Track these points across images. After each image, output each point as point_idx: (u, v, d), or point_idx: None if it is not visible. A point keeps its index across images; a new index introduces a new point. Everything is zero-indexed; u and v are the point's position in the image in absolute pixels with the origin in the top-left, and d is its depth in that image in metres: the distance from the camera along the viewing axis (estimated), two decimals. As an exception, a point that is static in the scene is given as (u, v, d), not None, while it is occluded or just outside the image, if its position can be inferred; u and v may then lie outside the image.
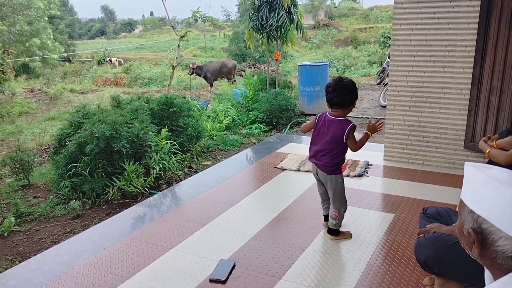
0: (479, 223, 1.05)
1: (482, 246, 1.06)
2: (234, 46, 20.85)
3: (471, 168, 1.12)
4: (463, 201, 1.13)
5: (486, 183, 1.05)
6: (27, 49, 19.37)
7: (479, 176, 1.08)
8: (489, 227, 1.02)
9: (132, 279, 2.70)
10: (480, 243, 1.06)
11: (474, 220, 1.06)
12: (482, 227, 1.04)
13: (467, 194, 1.11)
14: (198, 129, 5.91)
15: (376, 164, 4.71)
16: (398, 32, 4.40)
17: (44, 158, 6.30)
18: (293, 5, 8.16)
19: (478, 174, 1.08)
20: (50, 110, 11.07)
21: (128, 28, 56.97)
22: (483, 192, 1.05)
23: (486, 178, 1.06)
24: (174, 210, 3.80)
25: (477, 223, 1.05)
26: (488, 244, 1.04)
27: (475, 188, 1.08)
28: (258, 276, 2.67)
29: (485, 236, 1.04)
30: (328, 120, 2.88)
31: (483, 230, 1.04)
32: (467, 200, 1.10)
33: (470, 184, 1.10)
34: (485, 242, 1.05)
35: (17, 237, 3.79)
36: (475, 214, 1.05)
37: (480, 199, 1.05)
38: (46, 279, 2.77)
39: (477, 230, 1.06)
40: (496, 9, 3.80)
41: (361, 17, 29.01)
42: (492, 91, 4.00)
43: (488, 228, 1.03)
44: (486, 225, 1.03)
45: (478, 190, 1.07)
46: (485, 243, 1.05)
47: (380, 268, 2.73)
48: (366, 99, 10.28)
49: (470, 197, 1.09)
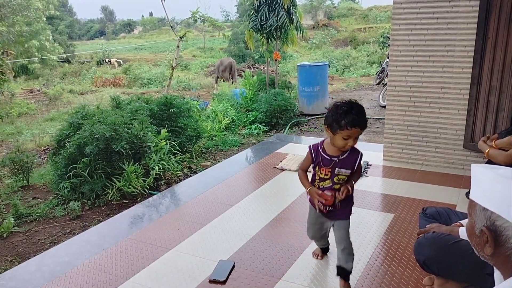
0: (492, 221, 1.04)
1: (496, 244, 1.05)
2: (233, 46, 20.86)
3: (479, 168, 1.12)
4: (473, 200, 1.12)
5: (497, 180, 1.05)
6: (26, 50, 19.37)
7: (489, 174, 1.07)
8: (503, 223, 1.02)
9: (132, 280, 2.70)
10: (494, 241, 1.05)
11: (487, 218, 1.06)
12: (496, 224, 1.03)
13: (477, 193, 1.10)
14: (197, 130, 5.90)
15: (375, 164, 4.71)
16: (397, 32, 4.40)
17: (44, 159, 6.30)
18: (292, 5, 8.16)
19: (487, 172, 1.08)
20: (49, 111, 11.07)
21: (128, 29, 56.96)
22: (494, 189, 1.05)
23: (496, 175, 1.06)
24: (174, 210, 3.79)
25: (490, 220, 1.05)
26: (502, 241, 1.03)
27: (485, 186, 1.07)
28: (258, 277, 2.67)
29: (499, 234, 1.03)
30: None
31: (496, 228, 1.04)
32: (478, 198, 1.10)
33: (480, 183, 1.10)
34: (498, 239, 1.04)
35: (17, 238, 3.79)
36: (488, 212, 1.05)
37: (492, 196, 1.05)
38: (45, 280, 2.76)
39: (490, 228, 1.05)
40: (495, 9, 3.80)
41: (360, 17, 29.02)
42: (491, 91, 4.00)
43: (502, 225, 1.02)
44: (500, 221, 1.02)
45: (489, 187, 1.06)
46: (499, 241, 1.04)
47: (380, 268, 2.73)
48: (365, 99, 10.28)
49: (481, 195, 1.08)
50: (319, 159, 2.39)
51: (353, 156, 2.36)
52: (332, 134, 2.27)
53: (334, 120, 2.21)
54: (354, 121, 2.17)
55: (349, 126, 2.17)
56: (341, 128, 2.19)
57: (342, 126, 2.18)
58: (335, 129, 2.22)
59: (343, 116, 2.18)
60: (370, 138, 6.67)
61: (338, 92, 11.73)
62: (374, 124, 7.76)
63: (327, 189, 2.39)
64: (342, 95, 11.14)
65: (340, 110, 2.19)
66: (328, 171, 2.37)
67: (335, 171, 2.36)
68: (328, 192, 2.35)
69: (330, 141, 2.34)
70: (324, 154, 2.38)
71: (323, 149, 2.39)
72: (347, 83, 13.20)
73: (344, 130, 2.19)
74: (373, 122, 7.89)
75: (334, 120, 2.21)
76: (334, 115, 2.21)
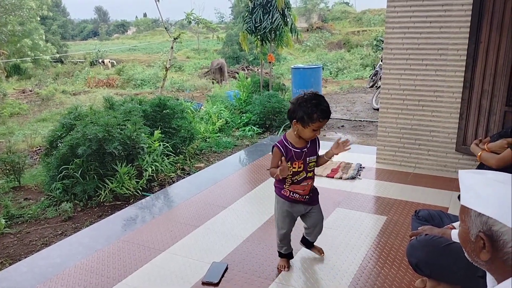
0: (489, 226, 1.02)
1: (493, 250, 1.03)
2: (227, 48, 20.85)
3: (467, 173, 1.10)
4: (466, 207, 1.09)
5: (489, 184, 1.03)
6: (19, 49, 19.23)
7: (479, 179, 1.06)
8: (500, 228, 1.00)
9: (124, 282, 2.68)
10: (491, 247, 1.03)
11: (483, 223, 1.03)
12: (493, 230, 1.02)
13: (470, 199, 1.08)
14: (191, 131, 5.89)
15: (368, 167, 4.73)
16: (390, 35, 4.43)
17: (35, 159, 6.25)
18: (287, 8, 8.19)
19: (476, 177, 1.07)
20: (42, 112, 10.99)
21: (121, 30, 56.73)
22: (489, 193, 1.03)
23: (487, 180, 1.04)
24: (167, 212, 3.78)
25: (487, 226, 1.03)
26: (500, 246, 1.02)
27: (478, 191, 1.05)
28: (251, 279, 2.67)
29: (496, 239, 1.02)
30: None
31: (493, 233, 1.02)
32: (471, 204, 1.07)
33: (471, 188, 1.08)
34: (495, 245, 1.02)
35: (8, 240, 3.75)
36: (484, 217, 1.03)
37: (489, 201, 1.03)
38: (36, 282, 2.74)
39: (487, 233, 1.03)
40: (487, 13, 3.84)
41: (354, 20, 29.17)
42: (484, 94, 4.03)
43: (499, 230, 1.00)
44: (497, 226, 1.01)
45: (482, 192, 1.04)
46: (496, 246, 1.02)
47: (372, 270, 2.74)
48: (359, 102, 10.33)
49: (475, 201, 1.06)
50: (291, 154, 2.44)
51: (314, 142, 2.51)
52: (302, 127, 2.36)
53: (305, 113, 2.30)
54: (324, 113, 2.31)
55: (321, 118, 2.30)
56: (313, 121, 2.31)
57: (315, 119, 2.30)
58: (306, 123, 2.33)
59: (314, 109, 2.28)
60: (363, 141, 6.69)
61: (331, 94, 11.77)
62: (367, 126, 7.80)
63: (302, 180, 2.49)
64: (336, 97, 11.19)
65: (310, 104, 2.29)
66: (301, 163, 2.47)
67: (306, 161, 2.47)
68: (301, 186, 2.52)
69: (295, 134, 2.43)
70: (294, 149, 2.45)
71: (291, 144, 2.45)
72: (340, 86, 13.26)
73: (316, 122, 2.31)
74: (366, 125, 7.92)
75: (305, 113, 2.30)
76: (304, 108, 2.30)
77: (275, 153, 2.47)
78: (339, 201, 3.79)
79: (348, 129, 7.66)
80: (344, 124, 7.95)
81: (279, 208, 2.64)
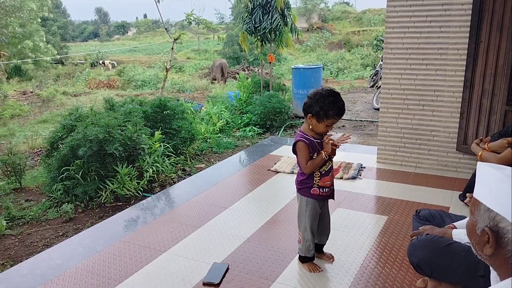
0: (496, 222, 1.03)
1: (497, 246, 1.04)
2: (228, 48, 20.87)
3: (486, 167, 1.10)
4: (477, 199, 1.10)
5: (504, 181, 1.03)
6: (20, 51, 19.25)
7: (496, 174, 1.05)
8: (506, 225, 1.01)
9: (125, 283, 2.68)
10: (495, 243, 1.04)
11: (491, 218, 1.04)
12: (499, 226, 1.02)
13: (482, 192, 1.09)
14: (191, 132, 5.89)
15: (369, 167, 4.72)
16: (391, 35, 4.42)
17: (36, 161, 6.26)
18: (286, 8, 8.19)
19: (494, 172, 1.06)
20: (43, 113, 11.00)
21: (122, 31, 56.84)
22: (501, 190, 1.03)
23: (503, 176, 1.04)
24: (167, 213, 3.78)
25: (494, 221, 1.03)
26: (504, 243, 1.02)
27: (492, 186, 1.05)
28: (252, 279, 2.67)
29: (501, 236, 1.02)
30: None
31: (499, 229, 1.02)
32: (482, 198, 1.08)
33: (486, 182, 1.08)
34: (500, 241, 1.03)
35: (9, 241, 3.75)
36: (493, 213, 1.03)
37: (499, 197, 1.03)
38: (37, 283, 2.74)
39: (493, 229, 1.04)
40: (487, 13, 3.84)
41: (354, 20, 29.19)
42: (484, 94, 4.03)
43: (505, 227, 1.01)
44: (504, 223, 1.01)
45: (495, 188, 1.04)
46: (500, 243, 1.03)
47: (374, 270, 2.74)
48: (359, 101, 10.32)
49: (486, 195, 1.07)
50: (314, 145, 2.50)
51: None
52: (316, 122, 2.42)
53: (321, 109, 2.35)
54: (340, 111, 2.38)
55: (336, 116, 2.38)
56: (328, 118, 2.38)
57: (330, 116, 2.37)
58: (321, 118, 2.39)
59: (331, 106, 2.34)
60: (364, 141, 6.69)
61: (332, 94, 11.74)
62: (368, 126, 7.79)
63: (329, 170, 2.56)
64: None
65: (327, 101, 2.34)
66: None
67: None
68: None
69: (309, 128, 2.48)
70: (315, 140, 2.50)
71: (311, 136, 2.51)
72: (341, 86, 13.25)
73: (331, 119, 2.38)
74: (367, 125, 7.92)
75: (322, 109, 2.35)
76: (321, 104, 2.35)
77: (302, 148, 2.50)
78: (340, 201, 3.79)
79: (348, 129, 7.65)
80: (344, 124, 7.95)
81: (309, 210, 2.59)
